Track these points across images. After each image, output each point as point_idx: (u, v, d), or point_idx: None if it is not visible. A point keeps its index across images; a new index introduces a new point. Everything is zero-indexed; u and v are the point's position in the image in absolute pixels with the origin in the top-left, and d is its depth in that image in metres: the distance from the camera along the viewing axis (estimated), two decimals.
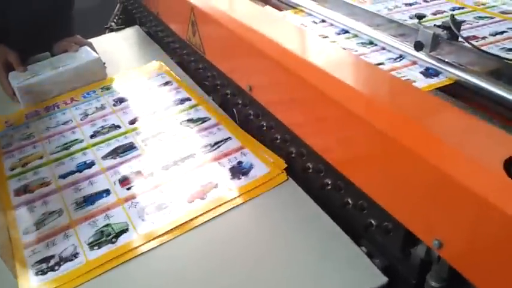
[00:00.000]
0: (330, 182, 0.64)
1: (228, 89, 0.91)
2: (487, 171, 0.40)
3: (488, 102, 0.68)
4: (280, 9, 1.16)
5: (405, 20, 1.05)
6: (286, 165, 0.74)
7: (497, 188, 0.39)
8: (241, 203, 0.70)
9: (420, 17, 0.98)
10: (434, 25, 0.87)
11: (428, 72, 0.79)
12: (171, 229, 0.67)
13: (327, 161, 0.61)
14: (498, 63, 0.77)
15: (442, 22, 0.84)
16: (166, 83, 1.09)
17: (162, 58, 1.20)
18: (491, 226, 0.39)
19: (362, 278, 0.55)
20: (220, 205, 0.70)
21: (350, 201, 0.60)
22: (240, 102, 0.87)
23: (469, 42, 0.82)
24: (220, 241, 0.64)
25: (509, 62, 0.79)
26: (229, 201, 0.71)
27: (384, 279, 0.54)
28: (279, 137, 0.75)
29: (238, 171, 0.76)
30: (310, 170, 0.68)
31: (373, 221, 0.56)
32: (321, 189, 0.65)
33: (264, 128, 0.79)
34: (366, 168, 0.54)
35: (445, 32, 0.81)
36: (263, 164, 0.76)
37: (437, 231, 0.45)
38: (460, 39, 0.83)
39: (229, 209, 0.69)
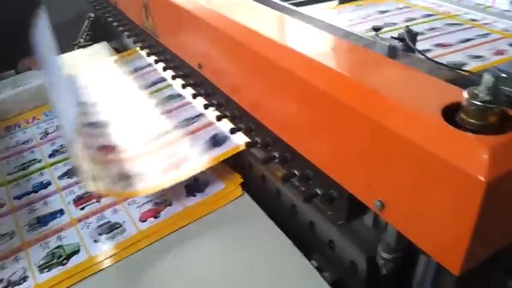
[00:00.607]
0: (277, 155, 0.63)
1: (180, 71, 0.91)
2: (425, 120, 0.38)
3: None
4: None
5: (369, 30, 1.05)
6: (242, 180, 0.73)
7: (436, 136, 0.37)
8: (195, 220, 0.69)
9: (376, 29, 0.98)
10: (391, 37, 0.87)
11: None
12: (124, 248, 0.66)
13: (274, 132, 0.60)
14: (452, 73, 0.77)
15: (398, 34, 0.83)
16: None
17: None
18: (433, 178, 0.37)
19: None
20: (173, 223, 0.69)
21: (296, 173, 0.59)
22: (192, 82, 0.86)
23: (423, 54, 0.82)
24: (172, 258, 0.63)
25: (461, 72, 0.79)
26: (181, 219, 0.69)
27: None
28: (228, 114, 0.75)
29: (194, 188, 0.75)
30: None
31: (318, 191, 0.55)
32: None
33: (215, 105, 0.78)
34: (307, 131, 0.53)
35: (400, 43, 0.81)
36: (219, 181, 0.75)
37: (378, 191, 0.44)
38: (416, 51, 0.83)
39: (183, 226, 0.68)
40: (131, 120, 0.92)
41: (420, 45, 0.87)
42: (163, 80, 1.03)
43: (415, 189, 0.40)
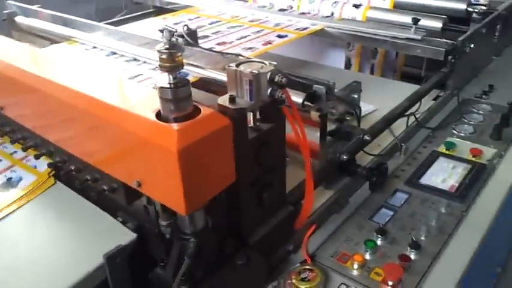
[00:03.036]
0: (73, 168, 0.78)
1: None
2: (144, 120, 0.58)
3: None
4: (57, 42, 1.28)
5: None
6: (52, 170, 0.86)
7: (154, 130, 0.57)
8: (15, 210, 0.80)
9: (161, 30, 1.19)
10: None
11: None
12: None
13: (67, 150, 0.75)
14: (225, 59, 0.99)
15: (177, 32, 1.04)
16: None
17: None
18: (155, 157, 0.57)
19: (118, 238, 0.71)
20: None
21: (89, 178, 0.74)
22: None
23: (199, 47, 1.04)
24: None
25: (227, 55, 1.01)
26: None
27: (133, 235, 0.72)
28: (31, 143, 0.87)
29: (9, 185, 0.86)
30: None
31: (105, 187, 0.72)
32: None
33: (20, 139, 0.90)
34: (87, 145, 0.70)
35: (181, 39, 1.01)
36: (31, 174, 0.88)
37: (135, 175, 0.62)
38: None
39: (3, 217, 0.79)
40: None
41: (204, 46, 1.09)
42: None
43: (151, 168, 0.59)
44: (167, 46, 0.54)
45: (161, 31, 1.22)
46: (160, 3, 1.82)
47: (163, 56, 0.54)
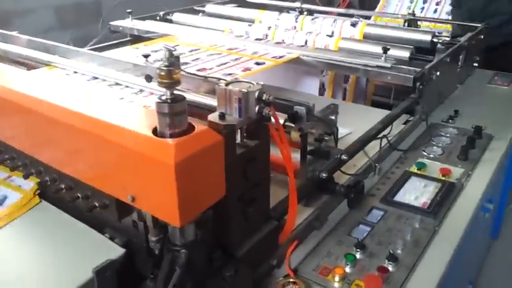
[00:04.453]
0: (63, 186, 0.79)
1: None
2: (143, 136, 0.61)
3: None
4: (35, 68, 1.29)
5: (146, 61, 1.26)
6: (37, 188, 0.87)
7: (152, 145, 0.60)
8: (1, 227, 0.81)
9: (146, 56, 1.23)
10: (156, 60, 1.10)
11: None
12: None
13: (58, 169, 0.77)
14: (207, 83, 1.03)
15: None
16: None
17: None
18: (153, 171, 0.60)
19: (107, 253, 0.72)
20: None
21: (79, 195, 0.76)
22: None
23: (182, 70, 1.08)
24: None
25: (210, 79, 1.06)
26: None
27: (122, 250, 0.73)
28: (20, 163, 0.87)
29: None
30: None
31: (96, 204, 0.73)
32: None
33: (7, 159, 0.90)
34: (78, 162, 0.73)
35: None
36: (16, 192, 0.88)
37: (129, 189, 0.64)
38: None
39: None
40: None
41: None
42: None
43: (146, 182, 0.62)
44: (166, 63, 0.58)
45: (145, 56, 1.28)
46: (138, 32, 1.84)
47: (163, 73, 0.57)
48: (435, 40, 1.54)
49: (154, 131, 0.61)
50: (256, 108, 0.67)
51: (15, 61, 1.40)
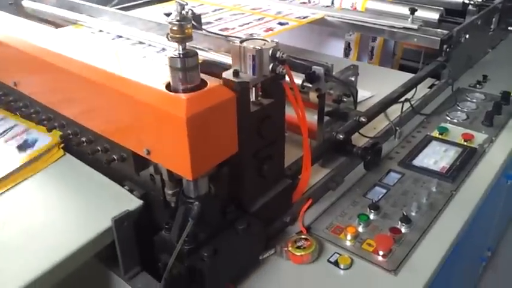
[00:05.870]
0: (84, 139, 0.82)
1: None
2: (156, 91, 0.63)
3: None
4: (62, 26, 1.31)
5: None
6: (62, 142, 0.90)
7: (165, 100, 0.61)
8: (25, 179, 0.84)
9: (168, 14, 1.22)
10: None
11: None
12: None
13: (80, 124, 0.80)
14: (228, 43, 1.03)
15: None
16: None
17: None
18: (166, 124, 0.61)
19: (125, 204, 0.75)
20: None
21: (100, 148, 0.79)
22: (11, 99, 0.98)
23: (204, 29, 1.08)
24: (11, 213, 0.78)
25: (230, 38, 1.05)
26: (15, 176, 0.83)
27: (140, 202, 0.76)
28: (44, 117, 0.91)
29: (26, 146, 0.89)
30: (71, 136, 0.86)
31: (115, 156, 0.76)
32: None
33: (33, 113, 0.93)
34: (98, 116, 0.75)
35: None
36: (45, 135, 0.90)
37: (145, 143, 0.67)
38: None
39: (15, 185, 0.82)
40: None
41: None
42: None
43: (160, 135, 0.64)
44: (178, 18, 0.58)
45: (167, 14, 1.27)
46: None
47: (174, 28, 0.58)
48: (467, 1, 1.48)
49: (168, 86, 0.62)
50: (270, 66, 0.67)
51: (44, 20, 1.43)
